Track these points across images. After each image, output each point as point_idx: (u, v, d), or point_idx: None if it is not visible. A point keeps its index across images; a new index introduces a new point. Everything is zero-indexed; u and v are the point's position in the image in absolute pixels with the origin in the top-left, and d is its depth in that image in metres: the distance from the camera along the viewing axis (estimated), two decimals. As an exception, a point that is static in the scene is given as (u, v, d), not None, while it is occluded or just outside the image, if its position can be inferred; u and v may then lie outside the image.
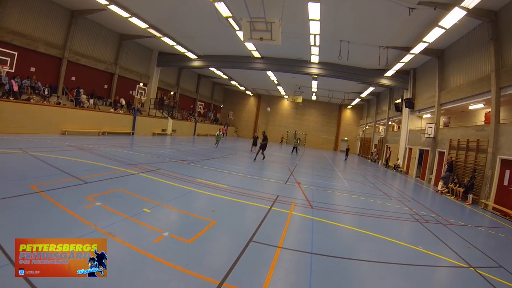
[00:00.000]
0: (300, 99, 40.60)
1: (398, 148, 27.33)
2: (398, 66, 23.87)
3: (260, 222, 7.72)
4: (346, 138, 47.76)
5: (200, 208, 8.57)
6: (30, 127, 16.58)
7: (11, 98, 16.50)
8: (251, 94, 51.07)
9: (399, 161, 26.61)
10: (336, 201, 11.57)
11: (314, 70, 26.90)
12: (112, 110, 25.11)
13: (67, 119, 19.47)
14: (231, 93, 52.11)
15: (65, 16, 21.82)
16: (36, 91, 19.41)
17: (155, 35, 24.48)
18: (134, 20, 21.63)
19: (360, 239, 7.61)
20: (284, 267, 5.44)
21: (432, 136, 20.42)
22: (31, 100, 18.02)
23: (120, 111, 25.87)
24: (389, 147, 30.47)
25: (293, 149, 32.19)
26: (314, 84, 34.93)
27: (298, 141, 34.28)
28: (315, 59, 25.45)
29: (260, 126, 49.51)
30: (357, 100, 42.52)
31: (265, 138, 21.36)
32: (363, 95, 37.72)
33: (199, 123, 39.02)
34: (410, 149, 25.38)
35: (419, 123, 26.08)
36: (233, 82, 42.11)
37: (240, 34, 20.30)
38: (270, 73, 32.82)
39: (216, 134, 27.36)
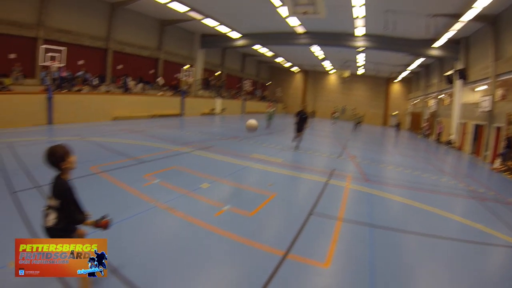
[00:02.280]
0: (347, 74, 39.25)
1: (451, 122, 25.57)
2: (448, 35, 21.80)
3: (318, 195, 7.58)
4: (395, 113, 45.75)
5: (258, 182, 8.56)
6: (84, 115, 17.33)
7: (64, 91, 17.32)
8: (297, 71, 50.24)
9: (451, 136, 24.89)
10: (390, 175, 11.11)
11: (360, 43, 25.62)
12: (160, 93, 25.61)
13: (117, 106, 20.09)
14: (277, 70, 51.35)
15: (106, 9, 22.28)
16: (86, 82, 20.20)
17: (196, 18, 24.33)
18: (173, 4, 21.49)
19: (417, 213, 7.23)
20: (345, 239, 5.34)
21: (487, 109, 18.62)
22: (82, 90, 18.82)
23: (168, 93, 26.33)
24: (441, 122, 28.68)
25: (354, 126, 31.27)
26: (361, 57, 33.51)
27: (359, 117, 32.94)
28: (360, 31, 24.02)
29: (308, 102, 48.69)
30: (405, 73, 40.30)
31: (302, 117, 14.11)
32: (412, 67, 35.51)
33: (248, 101, 39.00)
34: (464, 124, 23.55)
35: (473, 96, 23.92)
36: (279, 59, 41.52)
37: (281, 11, 19.74)
38: (315, 48, 31.87)
39: (267, 111, 24.59)
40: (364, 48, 26.02)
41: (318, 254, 4.67)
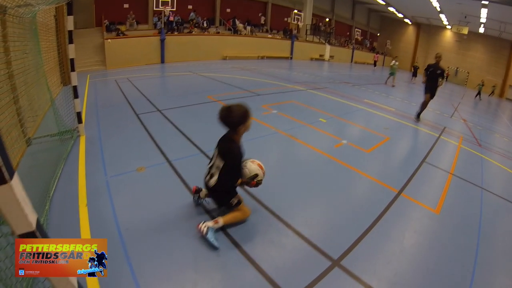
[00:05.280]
0: (465, 30, 34.72)
1: None
2: None
3: (431, 146, 7.54)
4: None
5: (374, 125, 8.72)
6: (194, 55, 18.49)
7: (175, 33, 18.54)
8: (410, 23, 46.06)
9: None
10: (503, 146, 10.19)
11: None
12: (269, 36, 25.74)
13: (227, 46, 20.91)
14: (388, 21, 47.20)
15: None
16: (196, 24, 21.08)
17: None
18: None
19: None
20: (457, 193, 5.33)
21: None
22: (192, 32, 19.82)
23: (277, 36, 26.38)
24: None
25: (477, 94, 28.70)
26: (484, 13, 29.08)
27: (482, 85, 29.77)
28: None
29: (419, 58, 45.05)
30: None
31: (435, 73, 9.75)
32: None
33: (356, 50, 37.36)
34: None
35: None
36: (391, 9, 38.36)
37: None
38: (432, -2, 28.60)
39: (391, 65, 19.67)
40: (488, 0, 22.74)
41: (430, 199, 4.79)
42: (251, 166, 3.31)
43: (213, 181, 3.15)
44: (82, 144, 5.11)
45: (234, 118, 2.94)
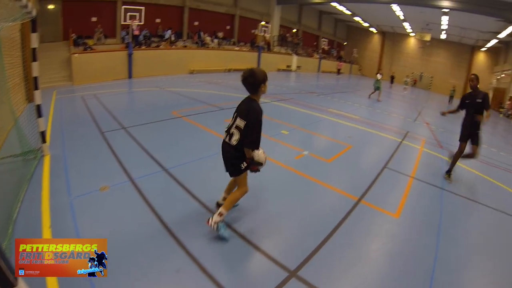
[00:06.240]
0: (428, 37, 36.06)
1: None
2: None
3: (393, 152, 7.67)
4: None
5: (335, 134, 8.80)
6: (161, 69, 18.22)
7: (143, 47, 18.35)
8: (375, 31, 47.48)
9: None
10: None
11: (446, 3, 23.33)
12: (236, 48, 25.87)
13: (194, 60, 20.71)
14: (354, 30, 48.53)
15: (181, -33, 22.55)
16: (164, 39, 20.96)
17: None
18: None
19: (491, 187, 6.84)
20: (417, 195, 5.44)
21: None
22: (160, 46, 19.67)
23: (244, 48, 26.56)
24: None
25: (450, 99, 29.45)
26: (445, 20, 30.42)
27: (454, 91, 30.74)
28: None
29: (384, 65, 46.32)
30: (493, 42, 35.68)
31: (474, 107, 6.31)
32: (502, 35, 31.32)
33: (323, 59, 37.86)
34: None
35: None
36: (357, 18, 39.37)
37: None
38: (396, 7, 29.65)
39: (376, 79, 18.13)
40: (449, 8, 23.66)
41: (390, 204, 4.85)
42: (261, 154, 3.61)
43: (234, 139, 3.40)
44: (46, 164, 4.97)
45: (257, 78, 3.29)
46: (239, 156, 3.46)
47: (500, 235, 4.61)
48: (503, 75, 35.80)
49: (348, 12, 35.68)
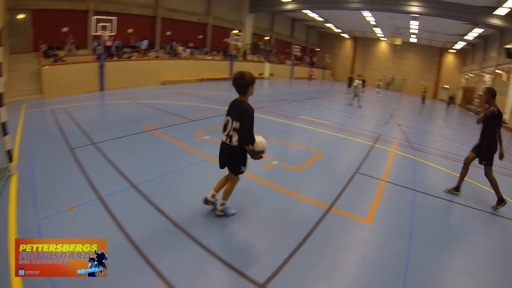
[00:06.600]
0: (399, 41, 37.05)
1: (506, 101, 23.52)
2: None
3: (365, 156, 7.65)
4: (447, 86, 43.10)
5: (306, 141, 8.74)
6: (134, 81, 17.83)
7: (115, 59, 17.93)
8: (347, 37, 48.35)
9: (505, 116, 22.90)
10: (436, 146, 10.65)
11: (415, 9, 23.97)
12: (209, 58, 25.69)
13: (166, 70, 20.48)
14: (326, 36, 49.43)
15: (151, -24, 22.37)
16: (136, 49, 20.54)
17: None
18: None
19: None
20: (388, 199, 5.42)
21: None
22: (132, 57, 19.25)
23: (217, 58, 26.46)
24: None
25: (422, 100, 30.54)
26: (414, 24, 31.36)
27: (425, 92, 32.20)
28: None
29: (357, 70, 47.00)
30: (461, 44, 37.21)
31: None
32: (468, 37, 32.70)
33: (296, 66, 38.14)
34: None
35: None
36: (328, 25, 39.96)
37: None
38: (366, 14, 30.32)
39: (354, 85, 18.31)
40: (418, 13, 24.37)
41: (361, 210, 4.81)
42: (263, 142, 3.94)
43: (235, 140, 3.72)
44: (13, 184, 4.72)
45: (246, 79, 3.66)
46: (241, 156, 3.84)
47: (474, 232, 4.71)
48: (471, 75, 37.04)
49: (320, 19, 36.16)
